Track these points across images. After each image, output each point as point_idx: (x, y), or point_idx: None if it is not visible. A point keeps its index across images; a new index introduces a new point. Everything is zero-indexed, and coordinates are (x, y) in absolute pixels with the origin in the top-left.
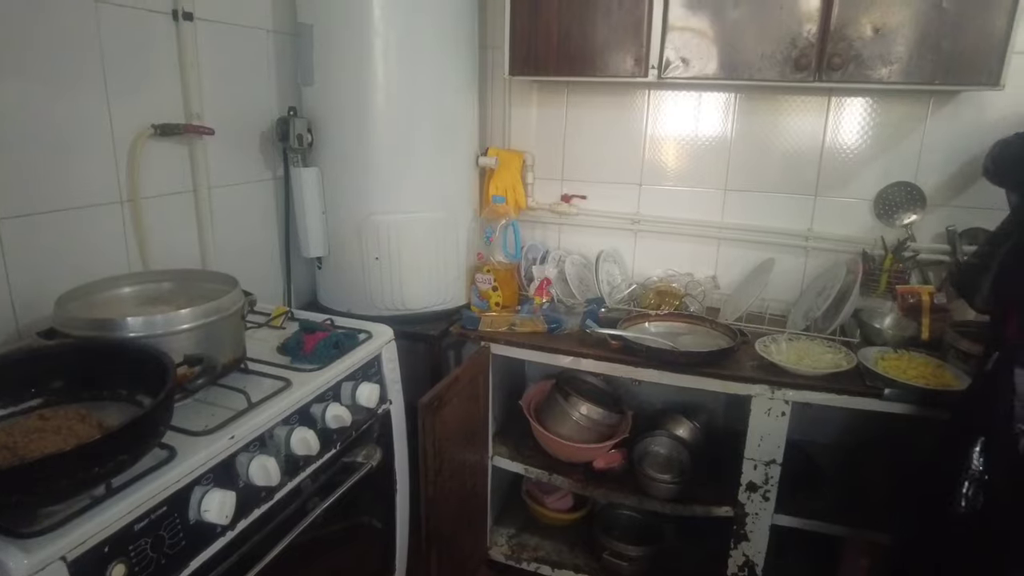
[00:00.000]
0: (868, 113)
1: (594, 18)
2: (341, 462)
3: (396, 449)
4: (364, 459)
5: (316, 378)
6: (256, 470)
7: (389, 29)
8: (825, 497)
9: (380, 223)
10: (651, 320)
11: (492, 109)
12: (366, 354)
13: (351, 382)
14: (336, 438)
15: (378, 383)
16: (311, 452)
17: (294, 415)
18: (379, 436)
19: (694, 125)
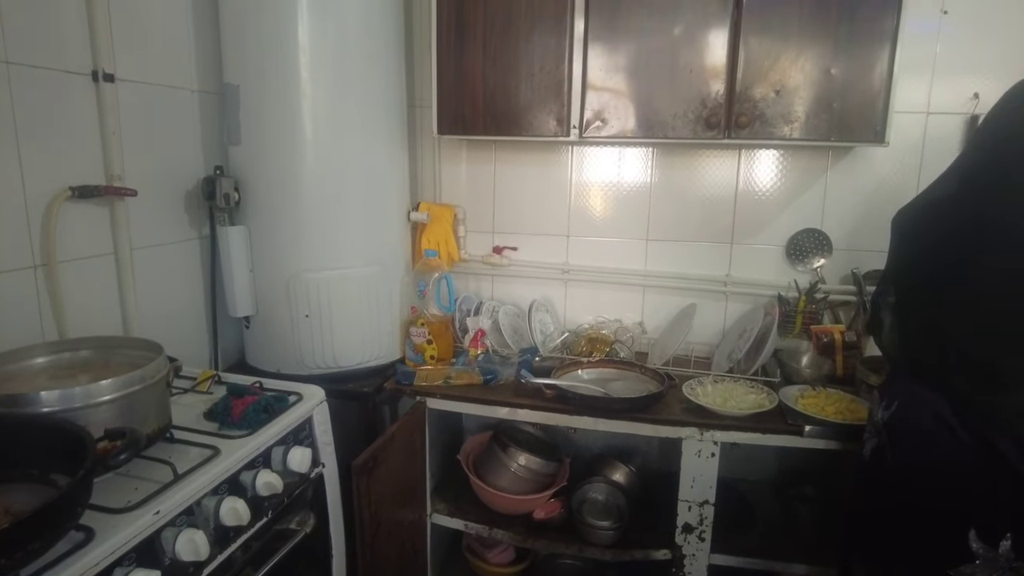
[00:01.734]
0: (776, 166)
1: (517, 80)
2: (274, 530)
3: (331, 513)
4: (297, 526)
5: (245, 444)
6: (183, 545)
7: (316, 90)
8: (758, 534)
9: (309, 280)
10: (583, 367)
11: (423, 165)
12: (297, 417)
13: (282, 447)
14: (268, 506)
15: (310, 446)
16: (242, 522)
17: (223, 484)
18: (312, 501)
19: (616, 179)
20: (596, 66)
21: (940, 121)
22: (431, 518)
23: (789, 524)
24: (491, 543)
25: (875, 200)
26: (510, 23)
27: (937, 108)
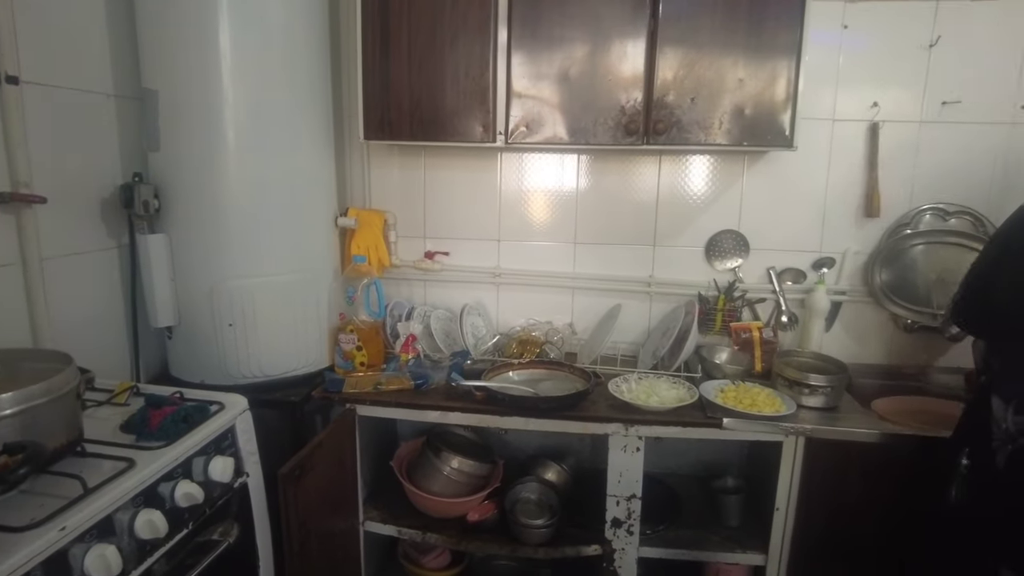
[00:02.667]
0: (695, 170)
1: (443, 86)
2: (195, 542)
3: (256, 524)
4: (220, 536)
5: (163, 455)
6: (93, 561)
7: (239, 96)
8: (685, 526)
9: (233, 288)
10: (514, 369)
11: (351, 171)
12: (219, 426)
13: (203, 457)
14: (188, 517)
15: (232, 456)
16: (159, 535)
17: (139, 497)
18: (237, 512)
19: (544, 184)
20: (520, 74)
21: (844, 127)
22: (364, 525)
23: (714, 515)
24: (426, 548)
25: (788, 202)
26: (434, 31)
27: (841, 115)
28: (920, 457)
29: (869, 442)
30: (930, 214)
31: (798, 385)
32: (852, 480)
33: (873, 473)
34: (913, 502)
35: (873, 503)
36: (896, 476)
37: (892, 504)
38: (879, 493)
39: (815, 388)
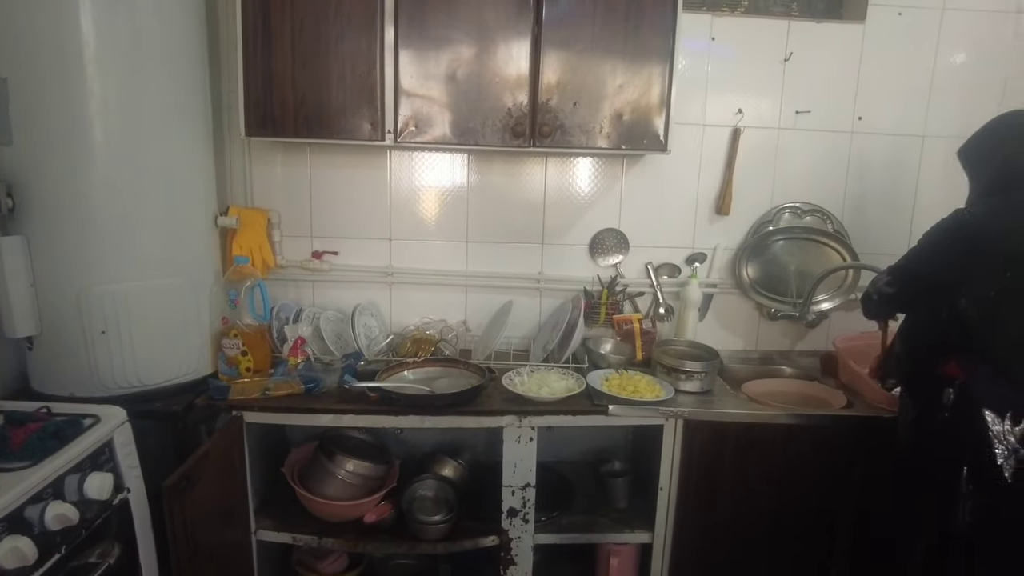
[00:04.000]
0: (578, 172)
1: (329, 83)
2: (70, 567)
3: (139, 541)
4: (99, 558)
5: (28, 476)
6: None
7: (105, 86)
8: (577, 511)
9: (104, 293)
10: (409, 368)
11: (231, 168)
12: (94, 441)
13: (76, 474)
14: (60, 541)
15: (111, 471)
16: (26, 562)
17: (2, 522)
18: (117, 530)
19: (434, 182)
20: (408, 73)
21: (713, 132)
22: (256, 535)
23: (604, 498)
24: (322, 554)
25: (663, 201)
26: (318, 26)
27: (711, 121)
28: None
29: (741, 422)
30: (788, 212)
31: (675, 372)
32: (727, 457)
33: (745, 449)
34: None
35: (746, 477)
36: (765, 451)
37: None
38: (751, 468)
39: (691, 374)
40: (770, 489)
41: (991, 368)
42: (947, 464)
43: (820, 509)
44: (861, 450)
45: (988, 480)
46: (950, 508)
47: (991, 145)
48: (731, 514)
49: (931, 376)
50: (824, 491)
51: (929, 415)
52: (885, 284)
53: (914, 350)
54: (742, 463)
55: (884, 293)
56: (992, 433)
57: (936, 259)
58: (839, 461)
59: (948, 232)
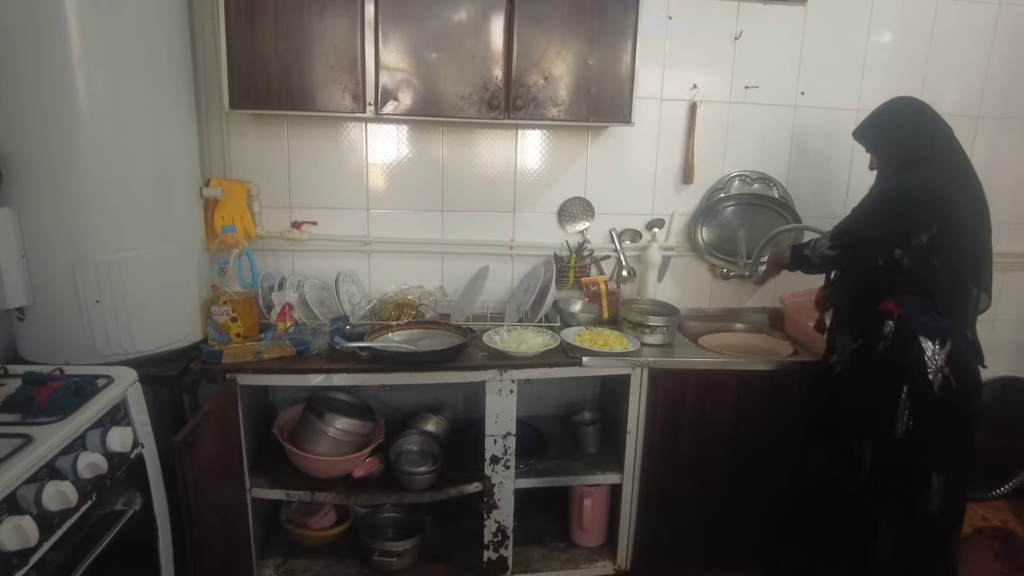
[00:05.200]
0: (547, 143)
1: (311, 58)
2: (98, 514)
3: (154, 493)
4: (124, 506)
5: (60, 429)
6: (8, 534)
7: (92, 58)
8: (552, 457)
9: (99, 263)
10: (394, 330)
11: (210, 140)
12: (111, 398)
13: (99, 429)
14: (92, 488)
15: (129, 426)
16: (69, 504)
17: (42, 470)
18: (136, 482)
19: (410, 154)
20: (388, 48)
21: (671, 106)
22: (251, 492)
23: (576, 445)
24: (311, 511)
25: (625, 171)
26: (301, 2)
27: (668, 95)
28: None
29: (699, 369)
30: (738, 180)
31: (640, 326)
32: (687, 401)
33: (703, 394)
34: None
35: (705, 418)
36: (721, 395)
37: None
38: (709, 410)
39: (654, 328)
40: (726, 428)
41: (923, 302)
42: (888, 384)
43: (770, 444)
44: (805, 392)
45: (921, 394)
46: (891, 420)
47: (891, 129)
48: (692, 453)
49: (872, 313)
50: (773, 428)
51: (870, 345)
52: (828, 248)
53: (857, 293)
54: (701, 406)
55: (827, 256)
56: (927, 356)
57: (881, 221)
58: (786, 402)
59: (888, 199)
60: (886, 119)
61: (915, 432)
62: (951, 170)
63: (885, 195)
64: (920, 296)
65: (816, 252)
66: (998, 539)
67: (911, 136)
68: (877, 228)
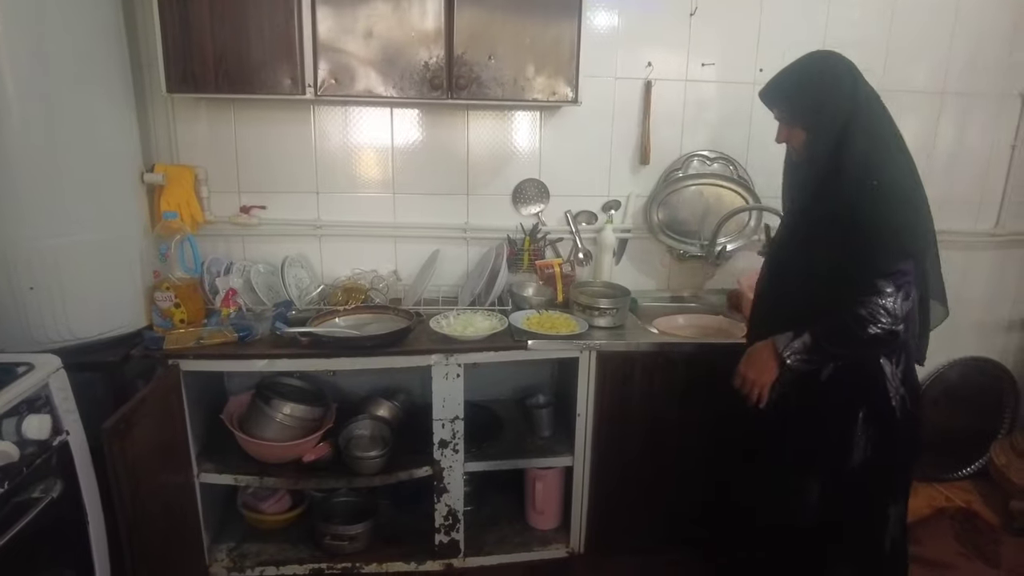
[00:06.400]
0: (498, 124)
1: (247, 38)
2: (13, 502)
3: (81, 480)
4: (42, 493)
5: None
6: None
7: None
8: (506, 441)
9: (32, 250)
10: (340, 315)
11: (155, 125)
12: (29, 386)
13: (14, 417)
14: (2, 477)
15: (49, 414)
16: None
17: None
18: (59, 469)
19: (360, 136)
20: (326, 28)
21: (625, 85)
22: (199, 478)
23: (530, 429)
24: (265, 495)
25: (580, 152)
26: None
27: (622, 74)
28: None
29: (647, 351)
30: (696, 160)
31: (590, 309)
32: (636, 383)
33: (651, 375)
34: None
35: (654, 401)
36: (668, 376)
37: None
38: (657, 391)
39: (603, 310)
40: (674, 411)
41: None
42: (841, 410)
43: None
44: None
45: (882, 419)
46: (846, 449)
47: (822, 92)
48: (642, 435)
49: None
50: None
51: (818, 368)
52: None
53: (806, 310)
54: (650, 388)
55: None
56: (887, 376)
57: (918, 232)
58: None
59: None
60: (816, 77)
61: (873, 461)
62: (904, 151)
63: (898, 200)
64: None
65: (891, 322)
66: (959, 520)
67: (851, 100)
68: (920, 242)
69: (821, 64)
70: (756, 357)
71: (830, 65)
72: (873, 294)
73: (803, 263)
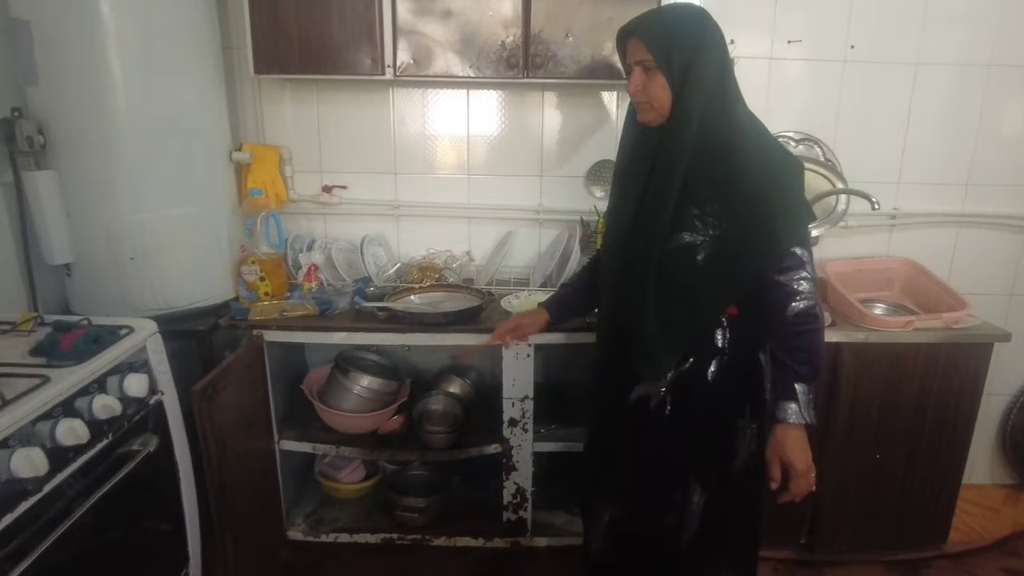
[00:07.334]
0: (573, 104)
1: (330, 21)
2: (116, 453)
3: (174, 437)
4: (140, 447)
5: (76, 372)
6: (20, 463)
7: (122, 27)
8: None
9: (132, 223)
10: (415, 292)
11: (244, 106)
12: (130, 346)
13: (117, 375)
14: (107, 428)
15: (146, 374)
16: (80, 441)
17: (57, 408)
18: (155, 426)
19: (435, 118)
20: (405, 9)
21: None
22: (280, 444)
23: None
24: (341, 465)
25: None
26: None
27: None
28: None
29: None
30: (781, 141)
31: None
32: None
33: None
34: None
35: None
36: None
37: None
38: None
39: None
40: None
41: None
42: (726, 408)
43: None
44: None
45: (760, 410)
46: (731, 452)
47: (706, 37)
48: None
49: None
50: None
51: (701, 365)
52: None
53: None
54: None
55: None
56: (763, 368)
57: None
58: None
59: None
60: (701, 18)
61: (758, 459)
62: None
63: (799, 183)
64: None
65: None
66: None
67: (722, 61)
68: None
69: (701, 14)
70: (794, 445)
71: (710, 18)
72: (797, 267)
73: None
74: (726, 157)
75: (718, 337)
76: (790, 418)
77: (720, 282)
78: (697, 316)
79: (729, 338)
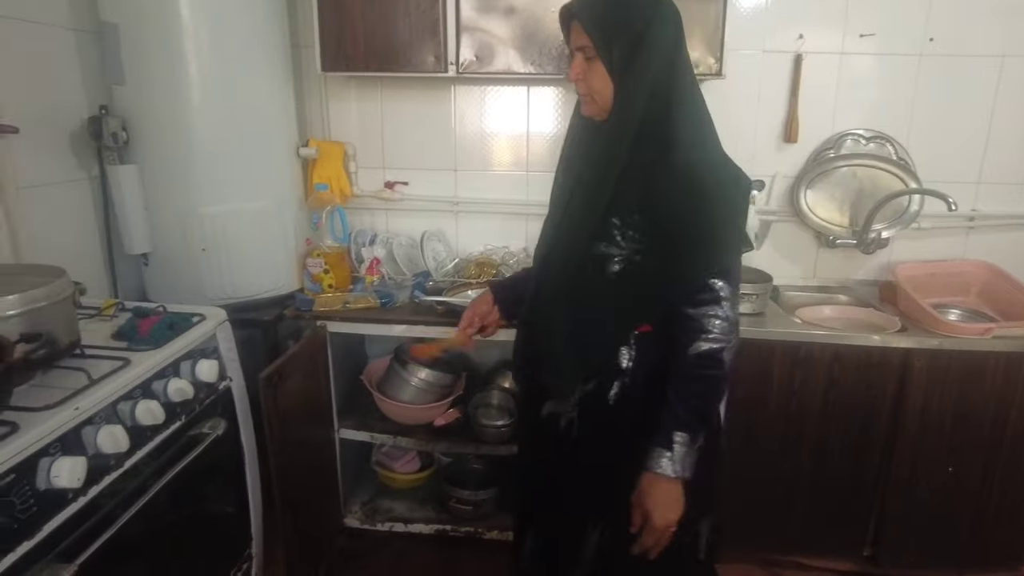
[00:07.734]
0: None
1: (395, 19)
2: (187, 436)
3: (240, 422)
4: (210, 430)
5: (154, 356)
6: (104, 439)
7: (199, 29)
8: None
9: (204, 215)
10: (472, 288)
11: (310, 103)
12: (202, 333)
13: (189, 360)
14: (180, 411)
15: (216, 360)
16: (157, 421)
17: (136, 389)
18: (223, 410)
19: (496, 115)
20: (468, 7)
21: (773, 58)
22: (339, 433)
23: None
24: (398, 455)
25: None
26: None
27: (771, 47)
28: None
29: (788, 341)
30: (850, 139)
31: None
32: (774, 375)
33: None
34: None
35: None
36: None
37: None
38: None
39: (744, 296)
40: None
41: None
42: (634, 430)
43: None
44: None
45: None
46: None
47: (654, 25)
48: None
49: (615, 341)
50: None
51: (605, 385)
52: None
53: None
54: (789, 381)
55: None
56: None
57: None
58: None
59: (741, 202)
60: (651, 5)
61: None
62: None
63: (737, 196)
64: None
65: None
66: None
67: (676, 49)
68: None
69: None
70: (658, 499)
71: (667, 1)
72: (711, 303)
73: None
74: (658, 166)
75: (623, 357)
76: (658, 468)
77: (628, 302)
78: (602, 331)
79: (635, 358)
